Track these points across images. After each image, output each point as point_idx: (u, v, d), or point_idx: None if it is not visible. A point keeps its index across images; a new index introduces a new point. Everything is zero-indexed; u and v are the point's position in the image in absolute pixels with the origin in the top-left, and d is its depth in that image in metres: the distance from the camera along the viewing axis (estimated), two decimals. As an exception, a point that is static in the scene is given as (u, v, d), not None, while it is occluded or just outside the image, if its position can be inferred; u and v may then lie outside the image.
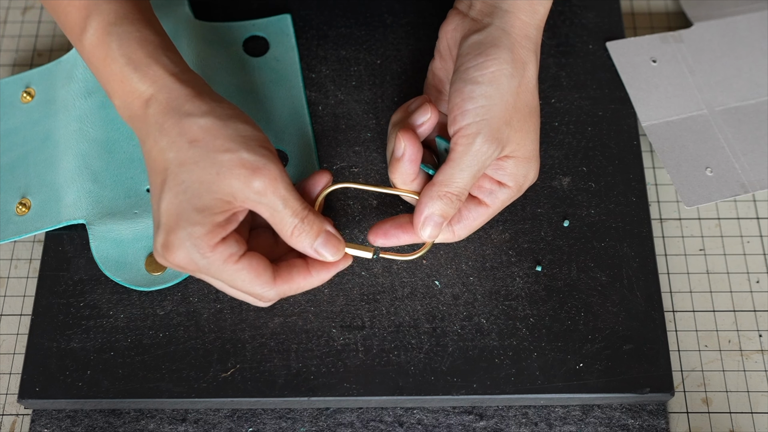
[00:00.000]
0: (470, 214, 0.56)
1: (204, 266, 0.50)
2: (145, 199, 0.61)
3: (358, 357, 0.57)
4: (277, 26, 0.67)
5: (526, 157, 0.54)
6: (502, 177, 0.55)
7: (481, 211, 0.56)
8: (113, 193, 0.61)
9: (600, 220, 0.61)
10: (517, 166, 0.54)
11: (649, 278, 0.59)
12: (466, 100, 0.52)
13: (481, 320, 0.58)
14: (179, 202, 0.49)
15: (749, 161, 0.63)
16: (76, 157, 0.62)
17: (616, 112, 0.65)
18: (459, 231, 0.56)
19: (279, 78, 0.65)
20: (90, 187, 0.61)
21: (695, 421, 0.57)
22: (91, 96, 0.64)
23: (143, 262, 0.59)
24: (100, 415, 0.58)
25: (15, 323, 0.61)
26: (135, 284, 0.59)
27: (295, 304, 0.59)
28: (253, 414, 0.58)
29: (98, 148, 0.62)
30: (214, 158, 0.49)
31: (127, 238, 0.60)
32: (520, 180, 0.55)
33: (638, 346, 0.57)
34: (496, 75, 0.52)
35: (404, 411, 0.58)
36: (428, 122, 0.55)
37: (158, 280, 0.59)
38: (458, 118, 0.52)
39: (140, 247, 0.60)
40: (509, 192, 0.55)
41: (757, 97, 0.65)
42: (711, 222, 0.64)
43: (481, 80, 0.52)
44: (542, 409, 0.57)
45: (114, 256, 0.60)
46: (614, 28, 0.68)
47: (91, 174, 0.61)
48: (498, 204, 0.56)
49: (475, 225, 0.56)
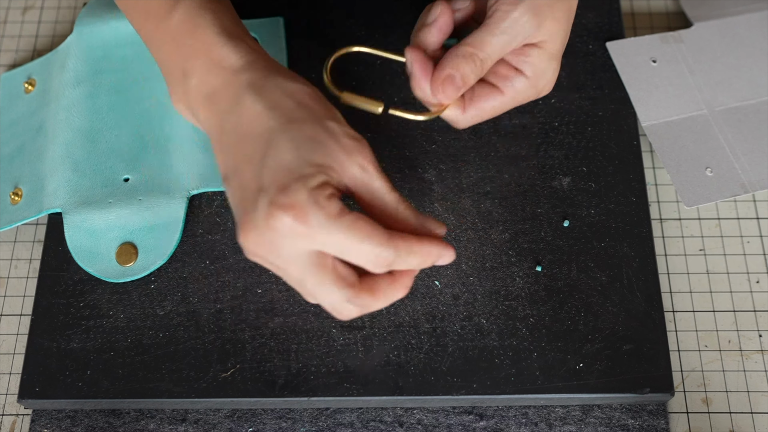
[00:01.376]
0: (482, 93, 0.54)
1: (317, 222, 0.45)
2: (121, 189, 0.61)
3: (358, 357, 0.57)
4: (269, 28, 0.68)
5: (551, 51, 0.53)
6: (523, 64, 0.53)
7: (495, 95, 0.54)
8: (91, 182, 0.61)
9: (600, 220, 0.61)
10: (540, 57, 0.53)
11: (649, 278, 0.59)
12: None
13: (481, 320, 0.58)
14: (291, 158, 0.46)
15: (749, 161, 0.63)
16: (60, 146, 0.62)
17: (616, 112, 0.65)
18: (468, 111, 0.54)
19: None
20: (69, 176, 0.61)
21: (695, 421, 0.57)
22: (80, 85, 0.64)
23: (114, 253, 0.60)
24: (100, 415, 0.58)
25: (15, 323, 0.61)
26: (106, 275, 0.60)
27: (295, 304, 0.59)
28: (253, 414, 0.58)
29: (81, 137, 0.63)
30: (323, 122, 0.48)
31: (99, 228, 0.60)
32: (539, 73, 0.54)
33: (638, 346, 0.57)
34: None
35: (404, 411, 0.58)
36: (466, 9, 0.55)
37: (128, 272, 0.59)
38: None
39: (112, 238, 0.60)
40: (525, 82, 0.54)
41: (757, 97, 0.65)
42: (711, 222, 0.64)
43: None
44: (542, 409, 0.58)
45: (86, 246, 0.60)
46: (614, 28, 0.68)
47: (73, 163, 0.62)
48: (512, 92, 0.54)
49: (485, 108, 0.55)
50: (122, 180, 0.61)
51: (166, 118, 0.63)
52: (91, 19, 0.66)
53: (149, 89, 0.64)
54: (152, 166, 0.62)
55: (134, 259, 0.60)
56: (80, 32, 0.66)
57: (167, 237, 0.60)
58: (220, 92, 0.50)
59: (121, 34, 0.66)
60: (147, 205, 0.61)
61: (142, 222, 0.61)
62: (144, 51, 0.65)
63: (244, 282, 0.60)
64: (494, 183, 0.62)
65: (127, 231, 0.60)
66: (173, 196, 0.61)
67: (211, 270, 0.60)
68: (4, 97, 0.67)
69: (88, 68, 0.65)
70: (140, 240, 0.60)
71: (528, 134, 0.64)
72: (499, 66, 0.54)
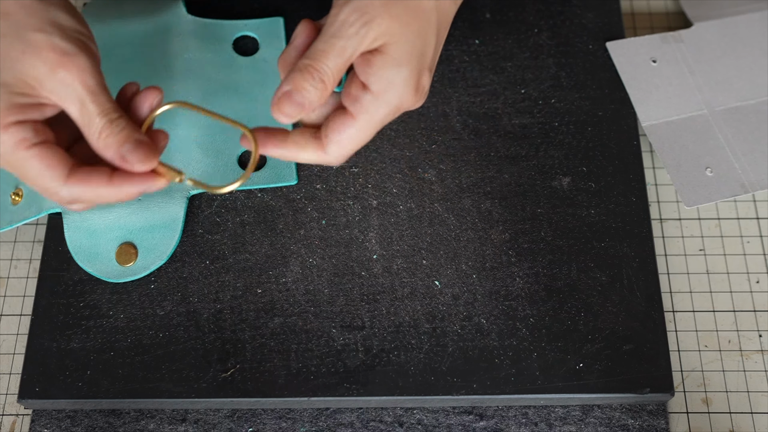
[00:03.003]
0: (335, 126, 0.49)
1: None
2: None
3: (358, 357, 0.57)
4: (269, 28, 0.68)
5: (396, 57, 0.48)
6: (369, 77, 0.48)
7: (348, 122, 0.49)
8: None
9: (600, 220, 0.61)
10: (384, 64, 0.48)
11: (649, 278, 0.59)
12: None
13: (481, 320, 0.58)
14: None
15: (749, 161, 0.63)
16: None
17: (616, 112, 0.65)
18: (329, 149, 0.50)
19: (265, 79, 0.66)
20: None
21: (695, 421, 0.57)
22: None
23: (114, 253, 0.60)
24: (100, 415, 0.58)
25: (15, 323, 0.61)
26: (105, 275, 0.60)
27: (295, 304, 0.59)
28: (253, 414, 0.58)
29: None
30: (23, 35, 0.45)
31: (99, 228, 0.60)
32: (384, 84, 0.48)
33: (638, 346, 0.57)
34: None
35: (404, 411, 0.58)
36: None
37: (128, 272, 0.60)
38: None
39: (112, 238, 0.60)
40: (372, 99, 0.49)
41: (757, 97, 0.65)
42: (711, 222, 0.64)
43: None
44: (542, 409, 0.58)
45: (86, 246, 0.60)
46: (614, 28, 0.68)
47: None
48: (363, 114, 0.49)
49: (343, 141, 0.50)
50: None
51: (166, 119, 0.63)
52: (91, 20, 0.66)
53: None
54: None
55: (134, 259, 0.60)
56: None
57: (167, 237, 0.60)
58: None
59: (121, 34, 0.66)
60: (147, 205, 0.61)
61: (142, 222, 0.61)
62: (144, 51, 0.65)
63: (244, 282, 0.60)
64: (494, 183, 0.62)
65: (126, 231, 0.60)
66: (173, 196, 0.61)
67: (211, 270, 0.60)
68: None
69: None
70: (140, 240, 0.60)
71: (528, 134, 0.64)
72: (351, 86, 0.50)
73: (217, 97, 0.64)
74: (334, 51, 0.47)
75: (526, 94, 0.65)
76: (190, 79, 0.64)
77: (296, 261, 0.60)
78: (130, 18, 0.66)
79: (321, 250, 0.61)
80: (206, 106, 0.64)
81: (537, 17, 0.68)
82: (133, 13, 0.67)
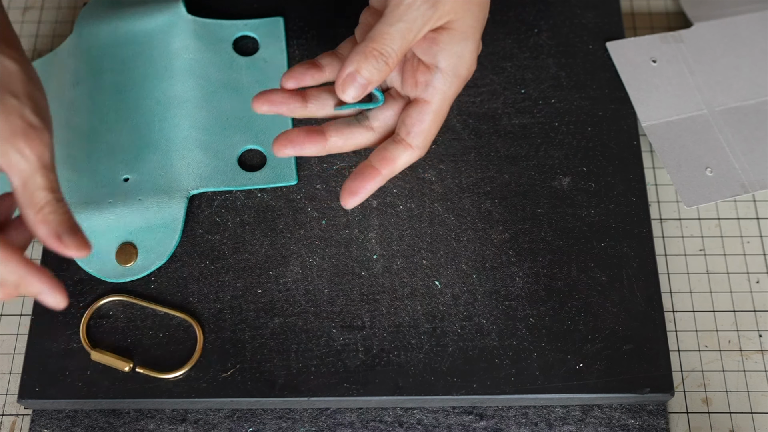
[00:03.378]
0: (413, 115, 0.51)
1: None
2: (121, 189, 0.61)
3: (358, 357, 0.57)
4: (269, 28, 0.68)
5: (462, 30, 0.50)
6: (436, 55, 0.50)
7: (424, 109, 0.51)
8: (91, 182, 0.61)
9: (600, 220, 0.61)
10: (451, 40, 0.50)
11: (649, 278, 0.59)
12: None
13: (481, 320, 0.58)
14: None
15: (749, 161, 0.63)
16: (61, 146, 0.62)
17: (616, 112, 0.65)
18: (412, 139, 0.52)
19: (265, 79, 0.66)
20: (69, 175, 0.61)
21: (695, 421, 0.57)
22: (79, 85, 0.64)
23: (114, 253, 0.60)
24: (100, 415, 0.58)
25: (15, 323, 0.61)
26: (105, 276, 0.60)
27: (295, 304, 0.59)
28: (253, 414, 0.58)
29: (80, 137, 0.63)
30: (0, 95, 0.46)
31: (99, 228, 0.60)
32: (454, 60, 0.50)
33: (638, 346, 0.57)
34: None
35: (404, 411, 0.58)
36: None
37: (128, 272, 0.60)
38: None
39: (112, 238, 0.60)
40: (443, 77, 0.51)
41: (757, 97, 0.65)
42: (711, 222, 0.64)
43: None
44: (542, 409, 0.58)
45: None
46: (614, 28, 0.68)
47: (73, 162, 0.62)
48: (438, 96, 0.51)
49: (425, 129, 0.51)
50: (122, 180, 0.61)
51: (167, 119, 0.63)
52: (91, 20, 0.66)
53: (149, 89, 0.64)
54: (152, 165, 0.62)
55: (134, 259, 0.60)
56: (80, 32, 0.66)
57: (167, 237, 0.60)
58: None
59: (122, 33, 0.66)
60: (147, 205, 0.61)
61: (142, 222, 0.61)
62: (144, 51, 0.65)
63: (244, 282, 0.60)
64: (494, 183, 0.62)
65: (126, 231, 0.60)
66: (173, 196, 0.61)
67: (211, 270, 0.60)
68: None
69: (88, 68, 0.65)
70: (140, 240, 0.60)
71: (528, 134, 0.64)
72: (417, 74, 0.51)
73: (216, 97, 0.64)
74: (400, 33, 0.48)
75: (526, 94, 0.65)
76: (191, 79, 0.64)
77: (296, 261, 0.60)
78: (130, 18, 0.66)
79: (321, 250, 0.61)
80: (206, 105, 0.64)
81: (537, 17, 0.68)
82: (133, 13, 0.67)
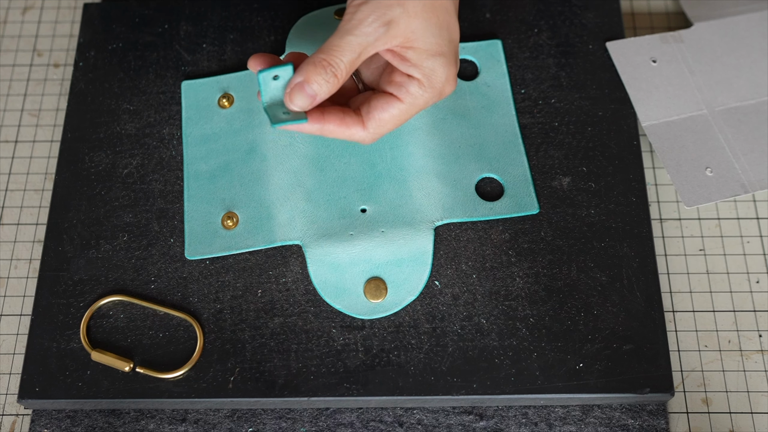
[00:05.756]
0: (378, 104, 0.53)
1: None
2: (360, 220, 0.59)
3: (358, 357, 0.57)
4: (488, 51, 0.66)
5: (427, 49, 0.52)
6: (409, 69, 0.52)
7: (393, 104, 0.53)
8: (327, 213, 0.60)
9: (600, 220, 0.61)
10: (419, 57, 0.52)
11: (649, 278, 0.59)
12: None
13: (481, 320, 0.58)
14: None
15: (749, 161, 0.63)
16: (288, 174, 0.60)
17: (616, 112, 0.65)
18: (369, 126, 0.54)
19: (490, 104, 0.64)
20: (303, 206, 0.60)
21: (695, 421, 0.57)
22: None
23: (362, 289, 0.58)
24: (100, 415, 0.58)
25: (15, 323, 0.61)
26: (355, 312, 0.58)
27: (295, 304, 0.59)
28: (253, 414, 0.58)
29: (309, 165, 0.61)
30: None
31: (344, 262, 0.59)
32: (429, 74, 0.52)
33: (638, 346, 0.57)
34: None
35: (404, 411, 0.58)
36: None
37: (379, 308, 0.58)
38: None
39: (358, 272, 0.58)
40: (419, 85, 0.53)
41: (757, 97, 0.65)
42: (711, 222, 0.64)
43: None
44: (542, 409, 0.58)
45: (332, 281, 0.58)
46: (614, 28, 0.68)
47: (305, 192, 0.60)
48: (409, 98, 0.53)
49: (384, 119, 0.54)
50: (359, 211, 0.60)
51: (398, 146, 0.61)
52: (302, 40, 0.64)
53: None
54: (390, 196, 0.60)
55: (384, 295, 0.58)
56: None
57: (417, 271, 0.58)
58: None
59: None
60: (391, 238, 0.59)
61: (389, 255, 0.59)
62: None
63: (244, 282, 0.60)
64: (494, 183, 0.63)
65: (373, 265, 0.58)
66: (419, 228, 0.59)
67: (211, 270, 0.60)
68: (191, 107, 0.64)
69: None
70: (388, 274, 0.58)
71: (528, 134, 0.64)
72: (394, 74, 0.53)
73: (446, 124, 0.62)
74: (351, 47, 0.51)
75: (526, 94, 0.65)
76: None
77: (296, 261, 0.60)
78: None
79: (321, 250, 0.61)
80: (437, 133, 0.62)
81: (537, 17, 0.68)
82: None
